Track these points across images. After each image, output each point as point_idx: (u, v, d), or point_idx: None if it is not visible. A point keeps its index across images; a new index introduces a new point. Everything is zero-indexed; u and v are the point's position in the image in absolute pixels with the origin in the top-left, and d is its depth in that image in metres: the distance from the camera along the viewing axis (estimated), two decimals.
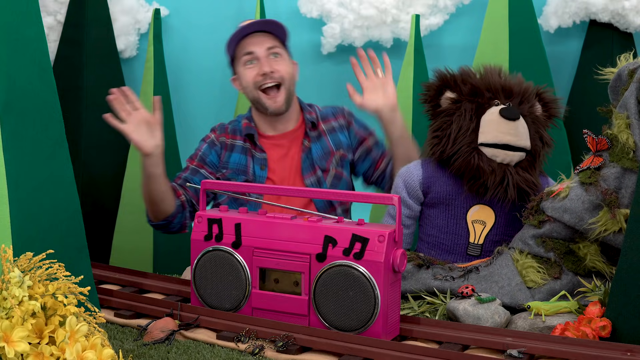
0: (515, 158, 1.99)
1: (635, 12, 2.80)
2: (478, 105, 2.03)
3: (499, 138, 1.98)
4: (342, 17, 2.97)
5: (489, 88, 2.04)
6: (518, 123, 1.99)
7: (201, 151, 2.37)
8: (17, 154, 1.45)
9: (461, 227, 2.03)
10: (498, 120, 1.99)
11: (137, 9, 3.07)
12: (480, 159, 1.99)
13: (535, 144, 2.02)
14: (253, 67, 2.32)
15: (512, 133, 1.98)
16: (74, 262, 1.54)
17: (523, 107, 2.04)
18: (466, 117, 2.02)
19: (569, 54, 3.02)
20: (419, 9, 2.96)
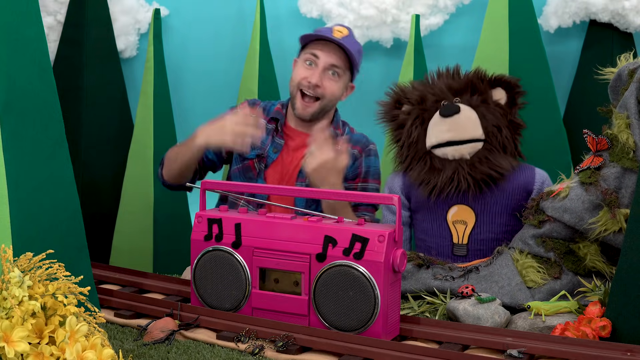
0: (466, 150, 2.02)
1: (635, 12, 2.79)
2: (424, 111, 2.09)
3: (440, 137, 2.03)
4: (342, 17, 2.97)
5: (434, 92, 2.09)
6: (458, 117, 2.02)
7: None
8: (17, 154, 1.45)
9: (443, 228, 2.05)
10: (438, 120, 2.04)
11: (137, 9, 3.07)
12: (433, 161, 2.04)
13: (489, 131, 2.03)
14: (308, 69, 2.29)
15: (453, 129, 2.01)
16: (74, 262, 1.54)
17: (473, 99, 2.06)
18: (413, 126, 2.09)
19: (569, 54, 3.02)
20: (419, 9, 2.95)
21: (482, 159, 2.01)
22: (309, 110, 2.29)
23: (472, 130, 2.02)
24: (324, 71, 2.28)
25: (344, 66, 2.31)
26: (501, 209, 2.03)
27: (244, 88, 2.96)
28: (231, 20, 3.15)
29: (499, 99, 2.10)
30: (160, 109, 2.91)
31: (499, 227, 2.00)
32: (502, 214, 2.02)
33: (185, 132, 3.07)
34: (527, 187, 2.04)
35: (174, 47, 3.11)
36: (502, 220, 2.01)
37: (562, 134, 2.75)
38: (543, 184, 2.06)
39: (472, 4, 3.02)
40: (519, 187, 2.04)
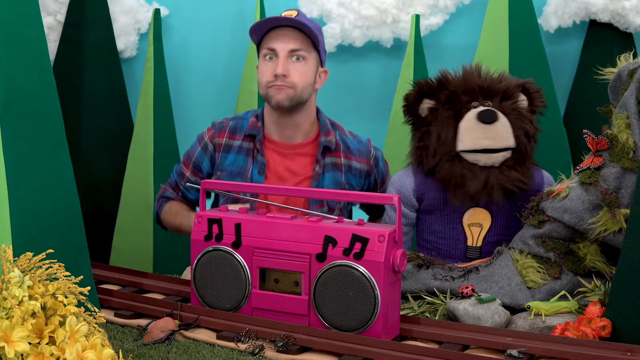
0: (499, 159, 1.97)
1: (635, 12, 2.80)
2: (455, 111, 2.00)
3: (477, 143, 1.96)
4: (342, 17, 2.97)
5: (466, 91, 2.01)
6: (496, 125, 1.96)
7: (195, 156, 2.26)
8: (17, 154, 1.45)
9: (458, 231, 2.03)
10: (475, 125, 1.96)
11: (137, 9, 3.07)
12: (463, 166, 1.97)
13: (520, 141, 1.99)
14: (270, 64, 2.14)
15: (491, 136, 1.95)
16: (74, 262, 1.54)
17: (504, 105, 2.00)
18: (444, 125, 1.99)
19: (569, 54, 3.02)
20: (419, 9, 2.96)
21: (511, 168, 1.98)
22: (285, 93, 2.12)
23: (507, 139, 1.97)
24: (286, 59, 2.12)
25: (306, 47, 2.14)
26: (515, 211, 2.00)
27: (244, 88, 2.96)
28: (231, 20, 3.15)
29: (523, 106, 2.05)
30: (160, 109, 2.91)
31: (511, 229, 1.99)
32: (515, 216, 1.99)
33: (185, 132, 3.08)
34: (539, 190, 2.02)
35: (174, 47, 3.12)
36: (514, 222, 2.00)
37: (562, 134, 2.76)
38: (550, 184, 2.04)
39: (472, 4, 3.02)
40: (532, 190, 2.01)
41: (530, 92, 2.07)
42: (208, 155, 2.24)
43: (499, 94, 2.01)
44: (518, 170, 1.98)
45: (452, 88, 2.02)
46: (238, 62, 3.07)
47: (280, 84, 2.12)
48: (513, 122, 1.99)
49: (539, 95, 2.08)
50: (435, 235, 2.06)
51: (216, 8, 3.15)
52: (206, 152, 2.24)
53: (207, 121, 2.97)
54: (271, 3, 3.06)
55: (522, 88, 2.06)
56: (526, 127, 2.00)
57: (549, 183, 2.05)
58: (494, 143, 1.96)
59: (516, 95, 2.04)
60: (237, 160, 2.20)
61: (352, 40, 3.01)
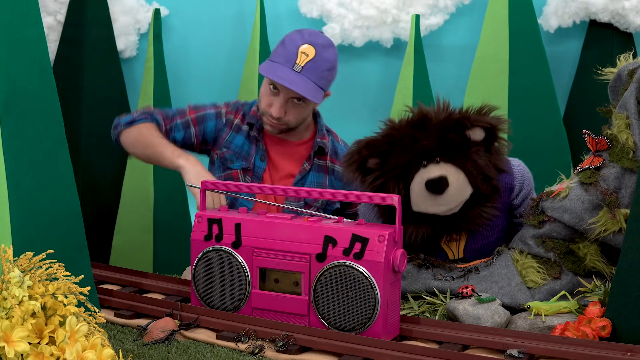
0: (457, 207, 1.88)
1: (635, 12, 2.80)
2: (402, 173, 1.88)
3: (431, 210, 1.88)
4: (342, 17, 2.97)
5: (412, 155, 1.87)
6: (448, 191, 1.84)
7: (205, 111, 2.31)
8: (17, 154, 1.45)
9: (436, 252, 1.99)
10: (424, 194, 1.86)
11: (137, 9, 3.07)
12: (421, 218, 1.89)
13: (477, 185, 1.87)
14: (273, 95, 2.19)
15: (443, 203, 1.86)
16: (74, 262, 1.54)
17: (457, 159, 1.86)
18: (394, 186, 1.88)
19: (569, 54, 3.02)
20: (419, 9, 2.96)
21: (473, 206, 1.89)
22: (277, 129, 2.22)
23: (462, 195, 1.87)
24: (286, 102, 2.18)
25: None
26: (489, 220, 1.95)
27: (244, 88, 2.96)
28: (231, 20, 3.15)
29: (478, 139, 1.88)
30: None
31: (491, 231, 1.98)
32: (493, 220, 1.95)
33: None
34: (510, 186, 1.98)
35: (174, 47, 3.12)
36: (493, 223, 1.97)
37: (562, 134, 2.76)
38: (523, 176, 1.99)
39: (472, 4, 3.02)
40: (502, 189, 1.95)
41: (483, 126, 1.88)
42: (218, 123, 2.30)
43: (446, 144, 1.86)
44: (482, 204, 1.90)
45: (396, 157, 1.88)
46: (238, 62, 3.07)
47: (275, 123, 2.20)
48: (468, 171, 1.86)
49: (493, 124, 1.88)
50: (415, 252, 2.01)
51: (216, 8, 3.15)
52: (217, 119, 2.31)
53: None
54: (271, 3, 3.06)
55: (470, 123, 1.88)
56: (484, 169, 1.87)
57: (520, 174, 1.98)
58: (447, 208, 1.87)
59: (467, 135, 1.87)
60: (243, 145, 2.28)
61: (352, 40, 3.01)
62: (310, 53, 2.18)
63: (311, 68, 2.15)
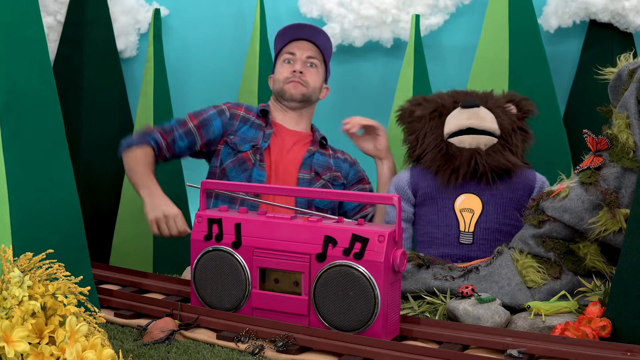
0: (483, 141, 2.11)
1: (635, 12, 2.79)
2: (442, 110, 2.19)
3: (461, 124, 2.12)
4: (342, 17, 2.97)
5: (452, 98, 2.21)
6: (479, 110, 2.13)
7: (206, 114, 2.47)
8: (17, 154, 1.45)
9: (450, 217, 2.10)
10: (459, 111, 2.14)
11: (137, 9, 3.07)
12: (449, 148, 2.12)
13: (504, 129, 2.13)
14: (289, 66, 2.48)
15: (473, 117, 2.11)
16: (74, 262, 1.54)
17: (488, 104, 2.17)
18: (432, 120, 2.18)
19: (569, 54, 3.02)
20: (419, 9, 2.95)
21: (497, 152, 2.10)
22: (300, 89, 2.45)
23: (491, 123, 2.12)
24: (303, 63, 2.47)
25: (319, 58, 2.51)
26: (506, 201, 2.10)
27: (244, 88, 2.96)
28: (231, 20, 3.15)
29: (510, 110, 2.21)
30: (160, 109, 2.91)
31: (503, 219, 2.09)
32: (507, 206, 2.10)
33: None
34: (529, 185, 2.13)
35: (174, 47, 3.12)
36: (507, 212, 2.09)
37: (562, 134, 2.75)
38: (542, 185, 2.14)
39: (472, 4, 3.02)
40: (522, 183, 2.12)
41: (516, 99, 2.24)
42: (223, 119, 2.45)
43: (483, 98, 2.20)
44: (504, 155, 2.11)
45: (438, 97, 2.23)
46: (238, 62, 3.06)
47: (297, 80, 2.45)
48: (497, 114, 2.15)
49: (525, 100, 2.24)
50: (430, 225, 2.13)
51: (216, 8, 3.15)
52: (221, 116, 2.46)
53: None
54: (271, 3, 3.05)
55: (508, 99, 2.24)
56: (511, 120, 2.16)
57: (541, 182, 2.15)
58: (477, 123, 2.11)
59: (501, 102, 2.21)
60: (250, 132, 2.44)
61: (352, 40, 3.01)
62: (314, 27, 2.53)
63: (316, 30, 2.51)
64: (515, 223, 2.07)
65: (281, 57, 2.52)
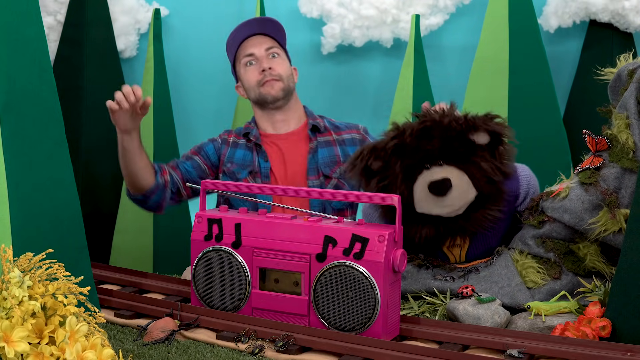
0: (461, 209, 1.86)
1: (635, 12, 2.80)
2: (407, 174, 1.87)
3: (434, 211, 1.86)
4: (342, 17, 2.97)
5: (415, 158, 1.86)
6: (450, 194, 1.83)
7: (201, 145, 2.45)
8: (17, 154, 1.45)
9: (439, 256, 1.98)
10: (427, 196, 1.85)
11: (137, 9, 3.07)
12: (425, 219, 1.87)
13: (482, 187, 1.85)
14: (253, 68, 2.39)
15: (447, 205, 1.84)
16: (74, 262, 1.54)
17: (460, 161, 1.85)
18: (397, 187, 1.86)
19: (569, 54, 3.02)
20: (419, 9, 2.96)
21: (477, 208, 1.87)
22: (278, 86, 2.36)
23: (465, 197, 1.84)
24: (266, 57, 2.38)
25: (277, 45, 2.42)
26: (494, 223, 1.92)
27: None
28: (231, 20, 3.15)
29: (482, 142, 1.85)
30: (160, 109, 2.91)
31: (494, 237, 1.97)
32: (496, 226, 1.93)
33: (185, 132, 3.08)
34: (514, 193, 1.96)
35: (174, 47, 3.12)
36: (496, 230, 1.95)
37: (562, 134, 2.76)
38: (529, 184, 1.98)
39: (472, 4, 3.02)
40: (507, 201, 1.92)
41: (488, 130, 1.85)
42: (215, 145, 2.43)
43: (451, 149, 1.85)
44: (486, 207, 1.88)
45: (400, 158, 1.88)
46: None
47: (269, 78, 2.36)
48: (471, 174, 1.85)
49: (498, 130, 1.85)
50: None
51: (216, 8, 3.15)
52: (213, 142, 2.44)
53: (207, 121, 2.97)
54: (271, 3, 3.06)
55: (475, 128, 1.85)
56: (488, 172, 1.85)
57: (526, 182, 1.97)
58: (451, 210, 1.86)
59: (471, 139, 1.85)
60: (245, 156, 2.38)
61: (352, 40, 3.01)
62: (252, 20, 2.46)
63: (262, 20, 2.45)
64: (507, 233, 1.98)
65: (240, 62, 2.43)
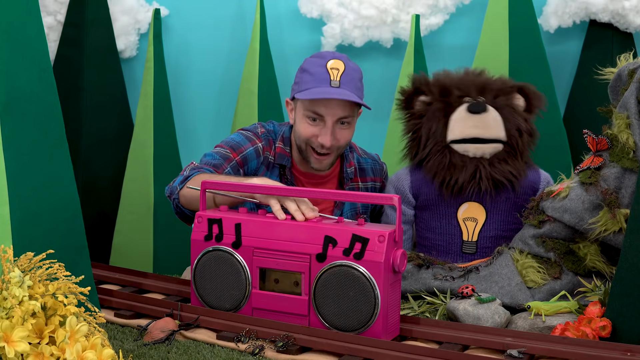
0: (488, 150, 2.00)
1: (635, 12, 2.79)
2: (447, 104, 2.04)
3: (466, 132, 2.00)
4: (342, 17, 2.97)
5: (460, 86, 2.05)
6: (486, 115, 2.00)
7: (246, 151, 2.13)
8: (17, 154, 1.45)
9: (453, 226, 2.03)
10: (465, 115, 2.01)
11: (137, 9, 3.07)
12: (452, 157, 2.01)
13: (511, 134, 2.01)
14: (314, 126, 2.06)
15: (480, 126, 1.99)
16: (74, 262, 1.54)
17: (498, 101, 2.03)
18: (435, 118, 2.03)
19: (569, 54, 3.02)
20: (419, 9, 2.95)
21: (502, 161, 2.00)
22: (326, 162, 2.12)
23: (497, 131, 2.00)
24: (333, 127, 2.05)
25: (352, 112, 2.09)
26: (510, 207, 2.02)
27: (243, 88, 2.96)
28: (231, 20, 3.15)
29: (519, 104, 2.07)
30: (160, 109, 2.91)
31: (507, 225, 2.01)
32: (511, 212, 2.02)
33: (185, 132, 3.08)
34: (534, 187, 2.04)
35: (174, 47, 3.11)
36: (511, 218, 2.01)
37: (562, 134, 2.75)
38: (548, 183, 2.06)
39: (472, 4, 3.02)
40: (527, 186, 2.03)
41: (528, 93, 2.08)
42: (258, 162, 2.15)
43: (492, 91, 2.04)
44: (509, 163, 2.00)
45: (445, 83, 2.07)
46: (238, 62, 3.06)
47: (325, 151, 2.08)
48: (505, 116, 2.01)
49: (536, 96, 2.09)
50: (432, 232, 2.06)
51: (216, 8, 3.15)
52: (257, 157, 2.15)
53: (207, 121, 2.93)
54: (271, 3, 3.05)
55: (519, 89, 2.08)
56: (519, 123, 2.02)
57: (546, 181, 2.06)
58: (482, 132, 1.99)
59: (511, 94, 2.06)
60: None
61: (352, 40, 3.01)
62: (340, 67, 2.07)
63: (347, 80, 2.05)
64: (519, 227, 2.01)
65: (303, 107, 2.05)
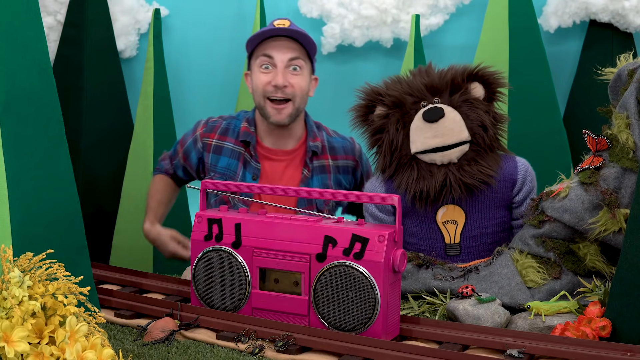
0: (455, 154, 1.94)
1: (635, 12, 2.80)
2: (403, 114, 1.98)
3: (427, 143, 1.94)
4: (342, 17, 2.97)
5: (411, 92, 1.99)
6: (444, 121, 1.93)
7: (186, 144, 2.32)
8: (17, 154, 1.45)
9: (433, 230, 2.00)
10: (422, 125, 1.94)
11: (137, 9, 3.07)
12: (420, 168, 1.96)
13: (475, 132, 1.95)
14: (267, 73, 2.17)
15: (439, 134, 1.93)
16: (74, 262, 1.54)
17: (454, 98, 1.97)
18: (395, 131, 1.98)
19: (569, 54, 3.02)
20: (419, 9, 2.96)
21: (471, 161, 1.95)
22: (285, 113, 2.17)
23: (459, 134, 1.94)
24: (284, 69, 2.14)
25: (303, 57, 2.17)
26: (490, 203, 1.99)
27: (244, 88, 2.96)
28: (231, 20, 3.16)
29: (478, 95, 2.00)
30: (160, 109, 2.91)
31: (489, 221, 1.99)
32: (491, 208, 1.99)
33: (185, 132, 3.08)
34: (512, 177, 1.99)
35: (174, 47, 3.12)
36: (492, 214, 1.99)
37: (562, 134, 2.76)
38: (526, 171, 2.01)
39: (472, 4, 3.02)
40: (504, 179, 1.98)
41: (485, 79, 2.01)
42: (196, 151, 2.30)
43: (446, 88, 1.98)
44: (479, 162, 1.95)
45: (396, 92, 2.00)
46: (238, 62, 3.07)
47: (280, 96, 2.15)
48: (465, 114, 1.95)
49: (494, 80, 2.01)
50: (414, 237, 2.03)
51: (216, 8, 3.15)
52: (195, 146, 2.30)
53: None
54: (271, 3, 3.06)
55: (473, 76, 2.00)
56: (481, 118, 1.96)
57: (524, 169, 2.01)
58: (444, 140, 1.93)
59: (466, 85, 1.99)
60: (229, 164, 2.23)
61: (352, 40, 3.01)
62: (286, 22, 2.18)
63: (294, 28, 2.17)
64: (502, 220, 2.01)
65: (256, 59, 2.18)
